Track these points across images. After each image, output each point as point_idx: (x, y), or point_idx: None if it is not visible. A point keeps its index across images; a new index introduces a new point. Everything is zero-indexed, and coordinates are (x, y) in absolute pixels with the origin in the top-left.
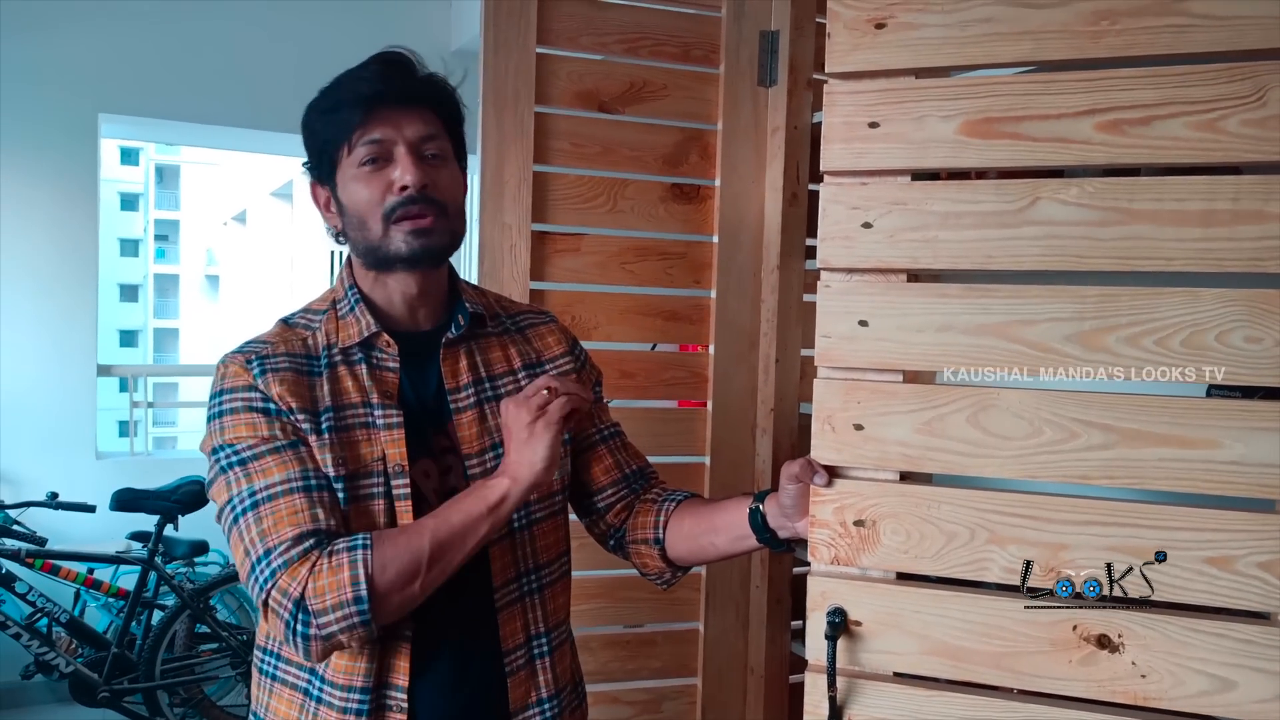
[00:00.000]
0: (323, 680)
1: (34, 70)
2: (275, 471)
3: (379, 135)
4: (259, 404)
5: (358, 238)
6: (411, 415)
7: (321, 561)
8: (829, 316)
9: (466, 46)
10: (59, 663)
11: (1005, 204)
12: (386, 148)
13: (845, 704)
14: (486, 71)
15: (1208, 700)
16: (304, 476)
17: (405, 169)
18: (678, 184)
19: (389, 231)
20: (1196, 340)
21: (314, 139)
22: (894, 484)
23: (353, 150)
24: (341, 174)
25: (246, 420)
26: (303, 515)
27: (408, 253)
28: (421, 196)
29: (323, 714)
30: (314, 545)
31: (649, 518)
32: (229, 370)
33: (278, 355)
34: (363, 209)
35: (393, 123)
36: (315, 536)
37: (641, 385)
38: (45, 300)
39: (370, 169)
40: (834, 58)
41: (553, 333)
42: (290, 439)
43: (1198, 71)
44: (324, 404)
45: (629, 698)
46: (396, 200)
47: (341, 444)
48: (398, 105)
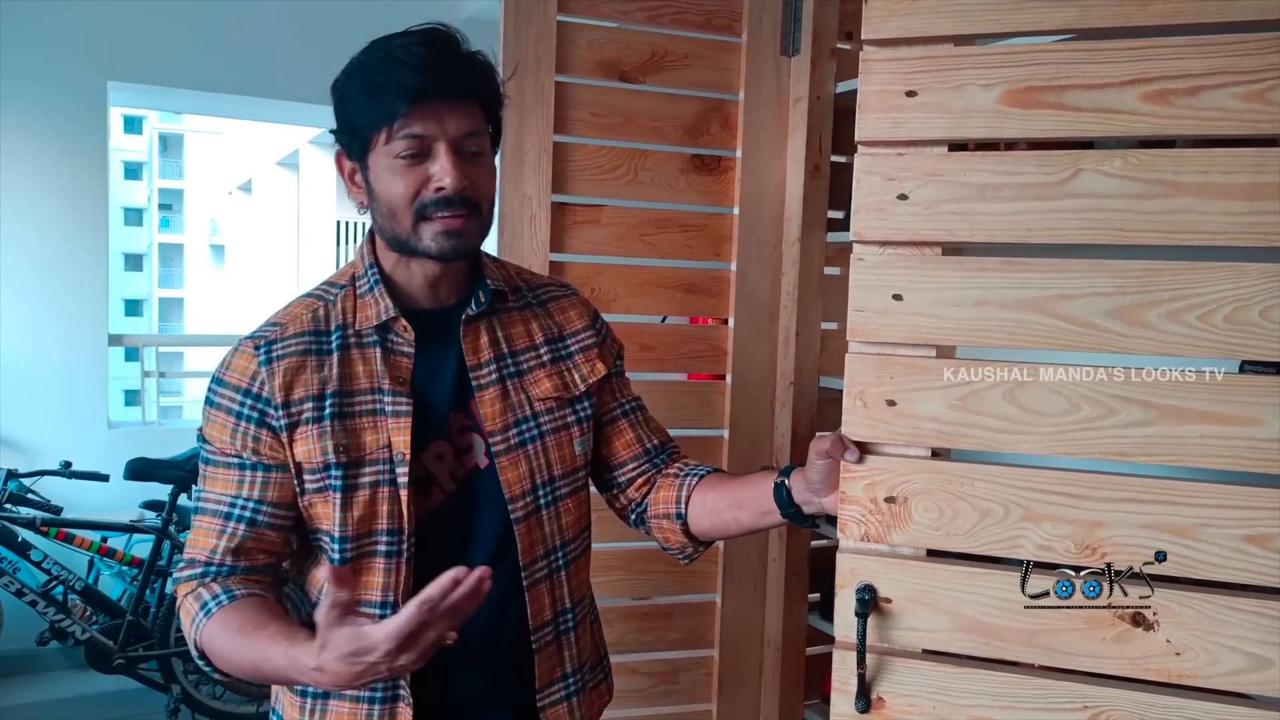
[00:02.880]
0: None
1: (43, 38)
2: (218, 486)
3: (421, 130)
4: (237, 407)
5: (385, 225)
6: (426, 397)
7: (188, 598)
8: (862, 290)
9: (477, 15)
10: (74, 630)
11: (1046, 176)
12: (427, 143)
13: (874, 681)
14: (507, 39)
15: (1243, 678)
16: (232, 503)
17: (445, 170)
18: (698, 155)
19: (419, 228)
20: (1240, 316)
21: (349, 115)
22: (926, 460)
23: (392, 140)
24: (375, 158)
25: (223, 422)
26: (210, 541)
27: (438, 252)
28: (459, 198)
29: (332, 705)
30: (197, 576)
31: (671, 492)
32: (235, 361)
33: (287, 338)
34: (395, 201)
35: (437, 118)
36: (204, 568)
37: (661, 358)
38: (55, 270)
39: (408, 162)
40: (871, 24)
41: (574, 306)
42: (244, 456)
43: (1247, 40)
44: (331, 387)
45: (646, 669)
46: (432, 199)
47: (345, 430)
48: (444, 99)
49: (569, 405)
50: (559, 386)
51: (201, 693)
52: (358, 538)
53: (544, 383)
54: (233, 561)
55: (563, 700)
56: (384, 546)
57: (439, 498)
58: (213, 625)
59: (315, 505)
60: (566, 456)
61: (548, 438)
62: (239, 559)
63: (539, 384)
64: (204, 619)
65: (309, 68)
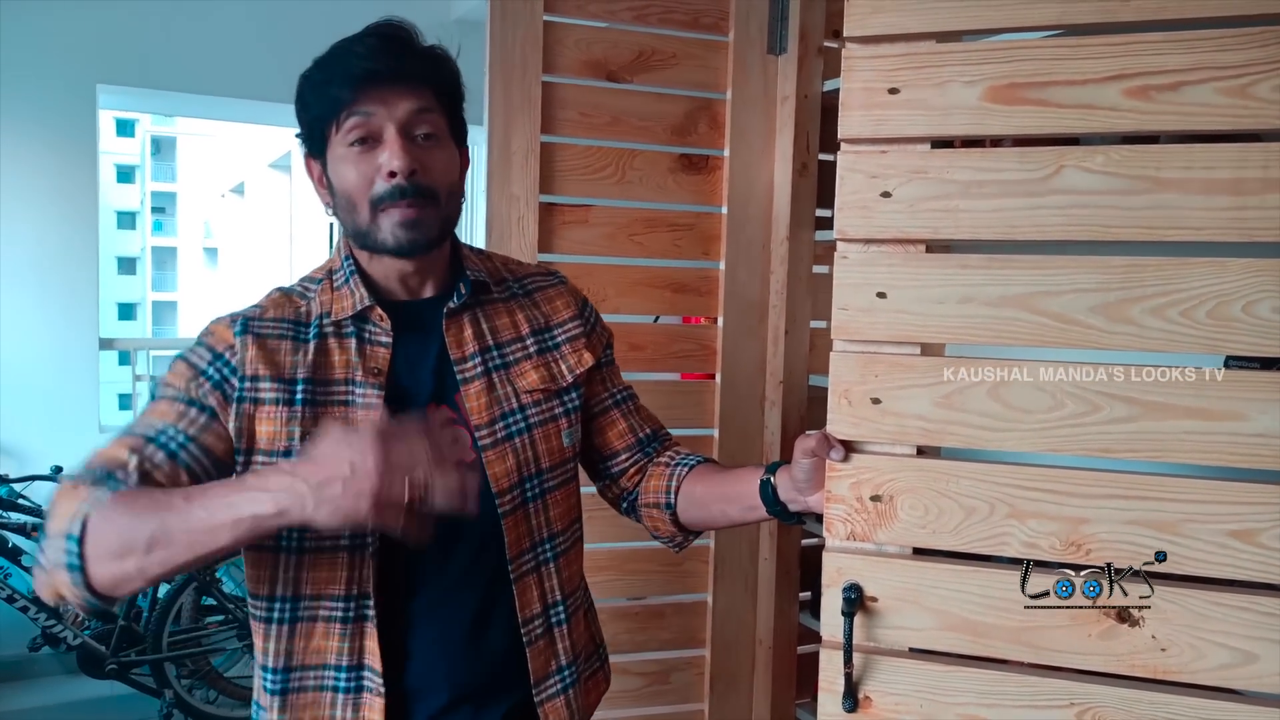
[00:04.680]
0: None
1: (32, 41)
2: (154, 416)
3: (368, 114)
4: (203, 365)
5: (347, 220)
6: (404, 389)
7: (73, 489)
8: (846, 288)
9: (467, 15)
10: (66, 635)
11: (1029, 173)
12: (376, 128)
13: (861, 680)
14: (493, 40)
15: (1229, 673)
16: (161, 430)
17: (393, 153)
18: (686, 154)
19: (377, 219)
20: (1222, 311)
21: (306, 112)
22: (911, 458)
23: (341, 129)
24: (331, 152)
25: (186, 371)
26: (121, 455)
27: (394, 245)
28: (411, 186)
29: (306, 699)
30: (94, 479)
31: (661, 482)
32: (214, 328)
33: (266, 319)
34: (351, 192)
35: (383, 101)
36: (106, 475)
37: (651, 358)
38: (46, 273)
39: (359, 150)
40: (853, 21)
41: (561, 295)
42: (194, 398)
43: (1228, 36)
44: (303, 373)
45: (638, 669)
46: (385, 189)
47: (315, 419)
48: (391, 83)
49: (556, 397)
50: (546, 378)
51: (195, 697)
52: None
53: (530, 375)
54: (138, 483)
55: (559, 694)
56: (346, 540)
57: None
58: (115, 500)
59: None
60: (554, 449)
61: (535, 430)
62: (145, 482)
63: (525, 376)
64: (104, 496)
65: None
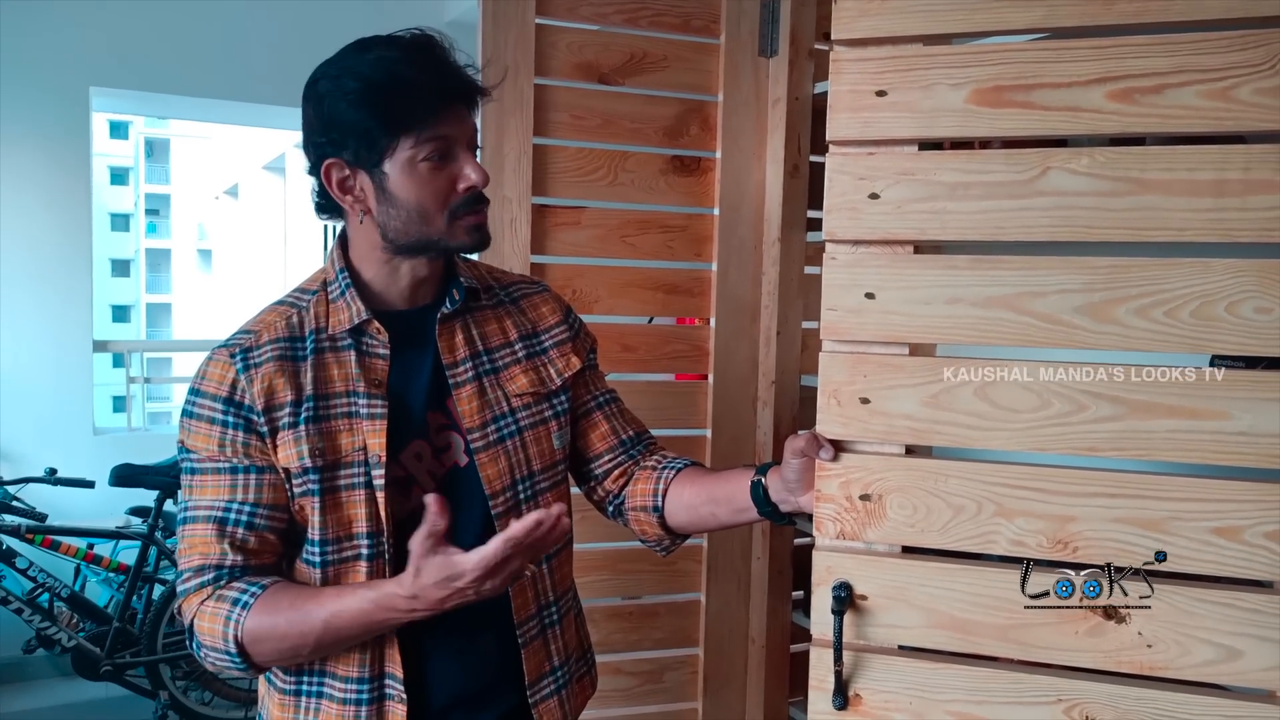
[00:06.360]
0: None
1: (25, 43)
2: (207, 493)
3: (446, 133)
4: (220, 415)
5: (406, 229)
6: (403, 398)
7: (208, 603)
8: (834, 289)
9: (460, 18)
10: (60, 637)
11: (1015, 174)
12: (450, 145)
13: (851, 678)
14: (485, 43)
15: (1214, 669)
16: (227, 507)
17: (473, 169)
18: (678, 156)
19: (453, 226)
20: (1206, 311)
21: (355, 122)
22: (900, 458)
23: (418, 144)
24: (394, 164)
25: (207, 431)
26: (210, 547)
27: (470, 245)
28: (481, 194)
29: (324, 706)
30: (211, 581)
31: (648, 485)
32: (210, 370)
33: (263, 345)
34: (427, 204)
35: (459, 121)
36: (215, 571)
37: (643, 359)
38: (40, 275)
39: (436, 164)
40: (840, 24)
41: (546, 302)
42: (235, 461)
43: (1211, 39)
44: (306, 391)
45: (631, 668)
46: (464, 200)
47: (320, 434)
48: (460, 103)
49: (546, 400)
50: (535, 382)
51: (190, 699)
52: (338, 540)
53: (520, 379)
54: (244, 561)
55: (553, 694)
56: (366, 550)
57: (419, 497)
58: (256, 613)
59: (304, 509)
60: (545, 451)
61: (526, 433)
62: (249, 558)
63: (515, 380)
64: (243, 612)
65: (295, 72)
